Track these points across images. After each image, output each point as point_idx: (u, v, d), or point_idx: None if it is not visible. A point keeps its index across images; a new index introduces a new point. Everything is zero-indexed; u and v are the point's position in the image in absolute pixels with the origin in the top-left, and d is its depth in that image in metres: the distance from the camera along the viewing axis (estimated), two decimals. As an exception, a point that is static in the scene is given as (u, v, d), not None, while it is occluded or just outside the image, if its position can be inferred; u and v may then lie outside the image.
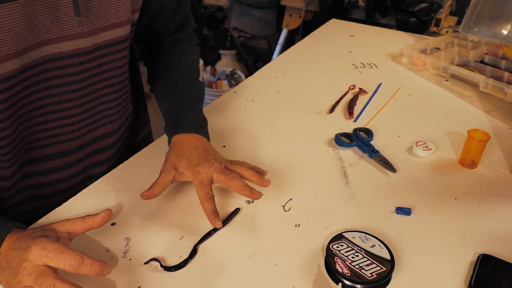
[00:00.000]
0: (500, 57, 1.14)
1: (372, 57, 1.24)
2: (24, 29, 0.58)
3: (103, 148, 0.79)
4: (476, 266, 0.58)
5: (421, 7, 2.43)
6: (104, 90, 0.74)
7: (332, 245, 0.59)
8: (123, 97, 0.80)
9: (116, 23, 0.69)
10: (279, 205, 0.70)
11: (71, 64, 0.66)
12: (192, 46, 0.90)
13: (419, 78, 1.13)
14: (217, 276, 0.57)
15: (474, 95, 1.04)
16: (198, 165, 0.66)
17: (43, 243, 0.50)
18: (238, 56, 3.07)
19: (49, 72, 0.65)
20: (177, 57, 0.86)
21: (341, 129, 0.89)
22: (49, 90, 0.66)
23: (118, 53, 0.73)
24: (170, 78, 0.82)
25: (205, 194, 0.64)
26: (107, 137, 0.79)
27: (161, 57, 0.86)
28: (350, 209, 0.69)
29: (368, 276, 0.55)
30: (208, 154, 0.69)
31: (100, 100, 0.74)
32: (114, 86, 0.76)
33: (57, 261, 0.49)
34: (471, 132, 0.78)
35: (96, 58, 0.69)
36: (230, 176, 0.66)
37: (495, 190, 0.74)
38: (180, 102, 0.77)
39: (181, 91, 0.79)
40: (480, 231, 0.65)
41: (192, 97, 0.79)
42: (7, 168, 0.66)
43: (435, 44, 1.25)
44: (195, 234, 0.63)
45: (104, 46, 0.70)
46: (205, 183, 0.65)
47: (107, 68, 0.72)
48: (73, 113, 0.71)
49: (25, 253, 0.50)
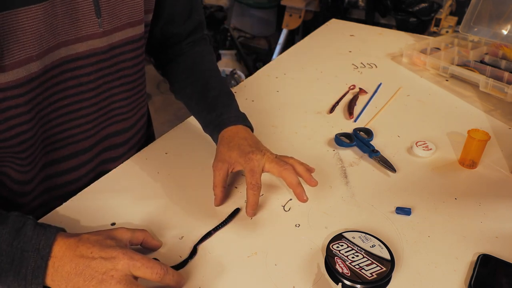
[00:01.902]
0: (500, 57, 1.14)
1: (372, 57, 1.24)
2: (46, 31, 0.59)
3: (115, 145, 0.79)
4: (476, 266, 0.58)
5: (421, 7, 2.43)
6: (117, 89, 0.75)
7: (332, 245, 0.59)
8: (136, 95, 0.80)
9: (130, 23, 0.70)
10: (279, 205, 0.70)
11: (87, 64, 0.67)
12: (208, 47, 0.91)
13: (419, 78, 1.13)
14: (217, 276, 0.57)
15: (474, 95, 1.04)
16: (250, 153, 0.66)
17: (129, 253, 0.51)
18: (238, 56, 3.07)
19: (66, 73, 0.65)
20: (198, 60, 0.86)
21: (341, 129, 0.89)
22: (67, 91, 0.67)
23: (131, 52, 0.73)
24: (198, 81, 0.83)
25: (254, 182, 0.64)
26: (118, 135, 0.79)
27: (182, 62, 0.86)
28: (350, 209, 0.69)
29: (368, 276, 0.55)
30: (259, 144, 0.70)
31: (113, 99, 0.75)
32: (127, 85, 0.76)
33: (144, 270, 0.50)
34: (471, 132, 0.78)
35: (111, 57, 0.70)
36: (285, 167, 0.65)
37: (495, 190, 0.74)
38: (216, 101, 0.78)
39: (213, 90, 0.80)
40: (480, 231, 0.65)
41: (225, 92, 0.80)
42: (28, 172, 0.67)
43: (435, 44, 1.25)
44: (195, 234, 0.63)
45: (119, 45, 0.70)
46: (256, 171, 0.65)
47: (121, 67, 0.73)
48: (88, 112, 0.71)
49: (111, 263, 0.49)
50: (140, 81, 0.80)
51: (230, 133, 0.72)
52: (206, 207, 0.69)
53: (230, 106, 0.78)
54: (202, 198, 0.71)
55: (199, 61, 0.86)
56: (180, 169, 0.77)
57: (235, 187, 0.73)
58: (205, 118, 0.78)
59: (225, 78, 0.83)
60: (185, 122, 0.92)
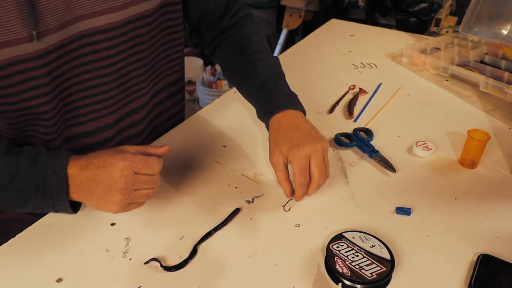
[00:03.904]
0: (500, 57, 1.14)
1: (372, 57, 1.24)
2: (62, 4, 0.61)
3: (135, 122, 0.80)
4: (476, 266, 0.58)
5: (421, 7, 2.43)
6: (135, 64, 0.75)
7: (332, 245, 0.59)
8: (151, 70, 0.80)
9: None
10: (279, 205, 0.70)
11: (105, 39, 0.68)
12: (253, 26, 0.88)
13: (419, 78, 1.13)
14: (217, 276, 0.57)
15: (474, 95, 1.04)
16: (296, 147, 0.66)
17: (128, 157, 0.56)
18: (238, 56, 3.07)
19: (85, 48, 0.67)
20: (245, 43, 0.84)
21: (341, 129, 0.89)
22: (86, 65, 0.68)
23: (145, 26, 0.73)
24: (246, 67, 0.81)
25: (303, 181, 0.66)
26: (137, 112, 0.80)
27: (228, 46, 0.85)
28: (350, 209, 0.69)
29: (368, 276, 0.55)
30: (310, 133, 0.70)
31: (132, 74, 0.75)
32: (143, 60, 0.76)
33: (146, 169, 0.57)
34: (471, 132, 0.78)
35: (127, 31, 0.71)
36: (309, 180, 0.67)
37: (495, 190, 0.74)
38: (264, 87, 0.77)
39: (261, 76, 0.79)
40: (480, 231, 0.65)
41: (272, 76, 0.79)
42: (51, 142, 0.69)
43: (435, 44, 1.25)
44: (195, 234, 0.63)
45: (134, 20, 0.71)
46: (304, 168, 0.66)
47: (137, 42, 0.73)
48: (109, 88, 0.72)
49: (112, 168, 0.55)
50: (154, 56, 0.79)
51: (277, 122, 0.72)
52: (206, 207, 0.69)
53: (277, 91, 0.76)
54: (202, 198, 0.71)
55: (245, 44, 0.84)
56: (180, 169, 0.77)
57: (235, 187, 0.73)
58: (255, 105, 0.78)
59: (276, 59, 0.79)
60: (185, 122, 0.92)
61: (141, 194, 0.58)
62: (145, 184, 0.58)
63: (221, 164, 0.79)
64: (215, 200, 0.70)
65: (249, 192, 0.72)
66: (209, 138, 0.86)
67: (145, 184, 0.58)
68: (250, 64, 0.81)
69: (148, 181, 0.58)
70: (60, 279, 0.57)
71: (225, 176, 0.76)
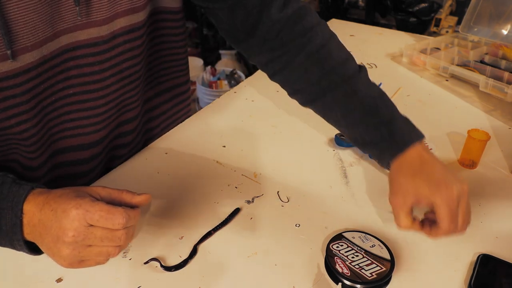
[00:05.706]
0: (500, 57, 1.14)
1: (372, 57, 1.24)
2: (41, 21, 0.58)
3: (127, 132, 0.78)
4: (476, 266, 0.58)
5: (421, 7, 2.43)
6: (126, 80, 0.72)
7: (332, 245, 0.59)
8: (141, 84, 0.77)
9: (132, 9, 0.67)
10: (279, 205, 0.70)
11: (89, 54, 0.65)
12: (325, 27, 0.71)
13: (419, 78, 1.13)
14: (217, 276, 0.57)
15: (474, 95, 1.04)
16: (442, 184, 0.56)
17: (85, 205, 0.47)
18: (238, 56, 3.07)
19: (68, 62, 0.64)
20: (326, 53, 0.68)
21: (341, 129, 0.89)
22: (70, 80, 0.65)
23: (137, 39, 0.70)
24: (340, 85, 0.67)
25: (453, 229, 0.55)
26: (128, 123, 0.78)
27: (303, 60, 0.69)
28: (350, 209, 0.69)
29: (368, 276, 0.55)
30: (449, 173, 0.59)
31: (123, 90, 0.72)
32: (134, 75, 0.73)
33: (104, 222, 0.47)
34: (471, 132, 0.78)
35: (114, 46, 0.67)
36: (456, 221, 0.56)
37: (495, 190, 0.74)
38: (376, 112, 0.65)
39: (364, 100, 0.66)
40: (480, 231, 0.65)
41: (378, 98, 0.68)
42: (35, 159, 0.67)
43: (435, 44, 1.25)
44: (195, 234, 0.63)
45: (122, 33, 0.67)
46: (455, 213, 0.55)
47: (127, 57, 0.70)
48: (96, 105, 0.69)
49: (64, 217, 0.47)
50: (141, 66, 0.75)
51: (410, 158, 0.61)
52: (206, 207, 0.69)
53: (395, 118, 0.65)
54: (202, 198, 0.71)
55: (327, 55, 0.68)
56: (180, 169, 0.77)
57: (235, 187, 0.73)
58: (366, 137, 0.66)
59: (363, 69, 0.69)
60: (185, 122, 0.92)
61: (98, 252, 0.48)
62: (102, 240, 0.47)
63: (221, 164, 0.79)
64: (215, 200, 0.70)
65: (249, 192, 0.72)
66: (209, 138, 0.86)
67: (102, 240, 0.47)
68: (344, 81, 0.67)
69: (106, 238, 0.47)
70: (60, 279, 0.57)
71: (225, 176, 0.76)
